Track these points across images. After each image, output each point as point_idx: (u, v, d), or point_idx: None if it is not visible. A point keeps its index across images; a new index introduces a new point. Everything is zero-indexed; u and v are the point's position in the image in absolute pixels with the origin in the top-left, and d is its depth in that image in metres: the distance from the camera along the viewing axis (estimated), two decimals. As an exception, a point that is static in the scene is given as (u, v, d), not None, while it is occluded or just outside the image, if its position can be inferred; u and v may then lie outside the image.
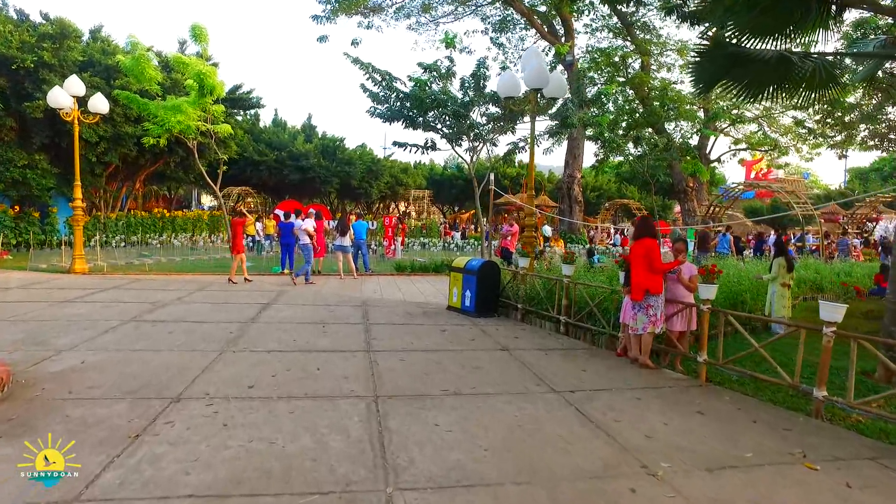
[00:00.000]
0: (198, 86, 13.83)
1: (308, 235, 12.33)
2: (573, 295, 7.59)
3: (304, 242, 12.38)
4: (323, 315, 8.25)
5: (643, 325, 5.87)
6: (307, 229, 12.33)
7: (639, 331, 5.91)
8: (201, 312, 8.05)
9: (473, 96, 16.48)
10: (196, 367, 5.21)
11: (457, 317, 8.67)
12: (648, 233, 6.13)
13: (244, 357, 5.68)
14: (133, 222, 22.69)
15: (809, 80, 7.78)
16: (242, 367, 5.30)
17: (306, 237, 12.37)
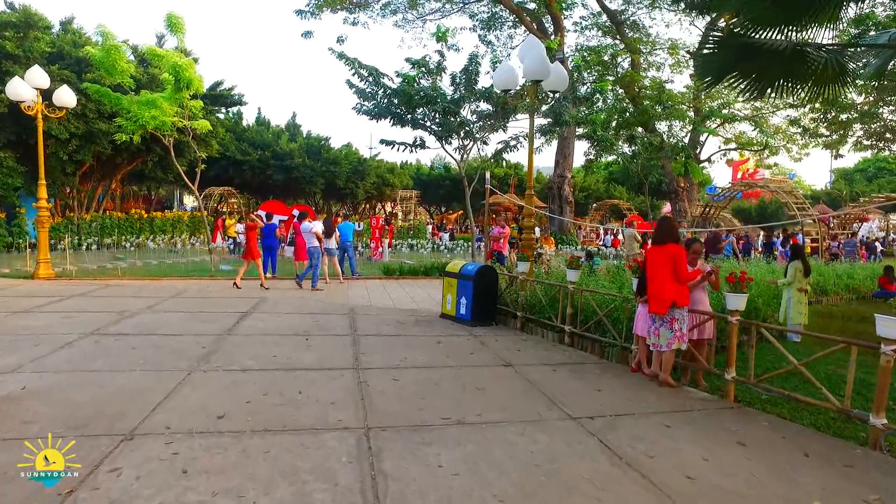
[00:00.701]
0: (174, 79, 13.05)
1: (317, 239, 11.82)
2: (579, 303, 7.01)
3: (312, 246, 11.78)
4: (307, 325, 7.57)
5: (667, 341, 5.25)
6: (317, 232, 11.80)
7: (662, 347, 5.31)
8: (173, 323, 7.33)
9: (464, 93, 15.89)
10: (159, 392, 4.52)
11: (452, 326, 8.04)
12: (672, 237, 5.46)
13: (216, 378, 5.00)
14: (109, 223, 21.75)
15: (821, 75, 7.26)
16: (213, 391, 4.62)
17: (315, 240, 11.80)
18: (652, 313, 5.37)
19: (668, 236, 5.49)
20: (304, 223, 12.12)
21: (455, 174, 45.18)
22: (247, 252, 11.68)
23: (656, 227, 5.73)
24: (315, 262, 11.79)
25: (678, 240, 5.49)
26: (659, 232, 5.61)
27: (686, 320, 5.30)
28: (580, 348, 6.93)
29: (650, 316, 5.41)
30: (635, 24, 31.44)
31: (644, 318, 5.59)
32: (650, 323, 5.43)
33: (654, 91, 28.01)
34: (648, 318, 5.45)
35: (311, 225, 11.95)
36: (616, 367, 6.00)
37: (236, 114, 34.60)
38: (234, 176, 30.54)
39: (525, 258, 8.18)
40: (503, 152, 17.87)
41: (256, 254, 11.58)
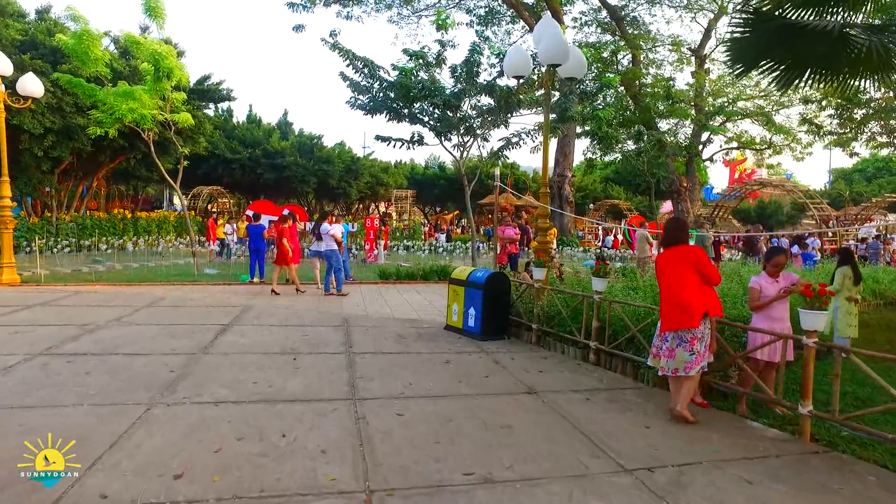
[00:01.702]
0: (153, 69, 12.08)
1: (337, 243, 11.10)
2: (607, 316, 6.12)
3: (330, 249, 10.99)
4: (295, 340, 6.64)
5: (687, 363, 4.33)
6: (335, 235, 11.09)
7: (680, 371, 4.37)
8: (141, 339, 6.38)
9: (465, 86, 14.99)
10: (103, 439, 3.59)
11: (459, 340, 7.14)
12: (684, 237, 4.65)
13: (181, 415, 4.07)
14: (89, 224, 20.68)
15: (865, 62, 6.41)
16: (174, 435, 3.70)
17: (333, 243, 11.03)
18: (666, 331, 4.47)
19: (679, 235, 4.63)
20: (324, 225, 11.38)
21: (450, 174, 44.28)
22: (279, 257, 11.12)
23: (667, 228, 4.81)
24: (336, 266, 11.09)
25: (687, 241, 4.66)
26: (669, 232, 4.71)
27: (709, 337, 4.42)
28: (609, 367, 6.05)
29: (663, 336, 4.51)
30: (635, 21, 30.68)
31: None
32: (660, 343, 4.54)
33: (659, 88, 27.27)
34: (659, 338, 4.56)
35: (330, 227, 11.27)
36: (658, 394, 5.11)
37: (226, 111, 33.56)
38: (224, 175, 29.51)
39: (541, 263, 7.28)
40: (505, 149, 17.01)
41: (290, 258, 11.08)
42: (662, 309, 4.54)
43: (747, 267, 12.14)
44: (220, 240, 18.73)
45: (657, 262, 4.74)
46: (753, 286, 4.87)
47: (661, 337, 4.53)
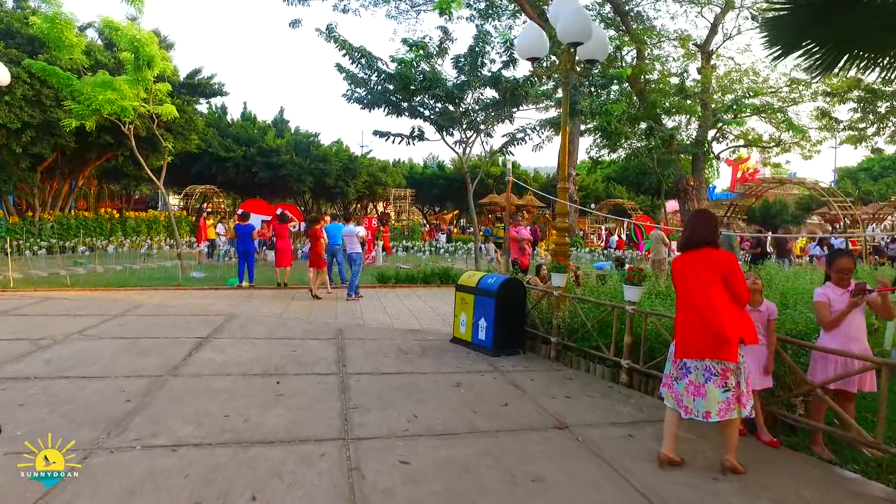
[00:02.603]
0: (133, 57, 11.20)
1: (360, 244, 10.67)
2: (642, 330, 5.26)
3: (354, 251, 10.64)
4: (280, 357, 5.77)
5: (721, 405, 3.33)
6: (361, 236, 10.65)
7: (713, 416, 3.34)
8: (102, 357, 5.51)
9: (469, 77, 14.13)
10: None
11: (469, 356, 6.27)
12: (712, 238, 3.56)
13: (124, 467, 3.20)
14: (74, 224, 19.77)
15: None
16: (109, 502, 2.83)
17: (358, 245, 10.73)
18: (688, 359, 3.48)
19: (706, 235, 3.54)
20: (348, 226, 10.93)
21: (450, 173, 43.39)
22: (312, 261, 10.75)
23: (690, 224, 3.75)
24: (355, 269, 10.67)
25: (718, 242, 3.64)
26: (695, 231, 3.61)
27: (745, 369, 3.43)
28: (645, 391, 5.19)
29: (681, 364, 3.53)
30: (640, 16, 29.85)
31: (752, 362, 3.82)
32: (676, 372, 3.56)
33: (664, 84, 26.42)
34: (674, 365, 3.59)
35: (354, 228, 10.92)
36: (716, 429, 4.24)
37: (220, 108, 32.68)
38: (218, 173, 28.61)
39: (561, 268, 6.42)
40: (509, 146, 16.16)
41: (323, 262, 10.77)
42: (680, 328, 3.56)
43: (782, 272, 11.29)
44: (210, 240, 17.85)
45: (675, 267, 3.69)
46: (821, 300, 4.00)
47: (678, 365, 3.54)
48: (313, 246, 10.71)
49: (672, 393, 3.61)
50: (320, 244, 10.72)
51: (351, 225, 10.95)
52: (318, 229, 10.79)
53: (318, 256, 10.67)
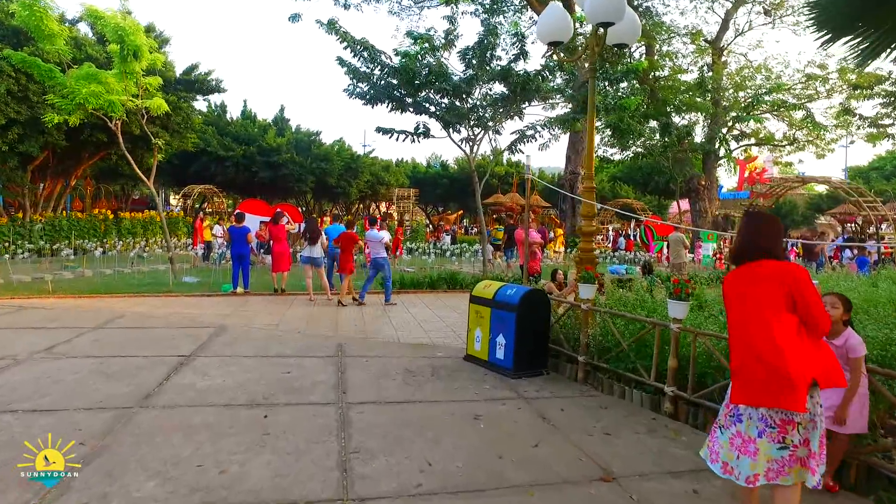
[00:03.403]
0: (118, 47, 10.47)
1: (385, 248, 10.39)
2: (691, 353, 4.51)
3: (379, 256, 10.14)
4: (271, 381, 5.02)
5: (772, 465, 2.54)
6: (386, 241, 10.20)
7: (762, 479, 2.55)
8: (63, 382, 4.76)
9: (477, 71, 13.39)
10: None
11: (486, 378, 5.52)
12: (775, 245, 2.76)
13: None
14: (66, 225, 19.05)
15: None
16: None
17: (382, 250, 10.27)
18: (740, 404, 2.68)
19: (767, 245, 2.75)
20: (372, 231, 10.41)
21: (453, 173, 42.62)
22: (342, 265, 10.26)
23: (743, 229, 2.91)
24: (385, 275, 10.18)
25: (783, 252, 2.83)
26: (750, 238, 2.81)
27: (822, 422, 2.59)
28: (694, 424, 4.45)
29: (733, 409, 2.73)
30: (648, 12, 29.07)
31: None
32: (728, 422, 2.75)
33: (673, 81, 25.66)
34: (725, 409, 2.79)
35: (380, 234, 10.42)
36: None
37: (219, 106, 31.96)
38: (217, 173, 27.87)
39: (590, 278, 5.66)
40: (518, 143, 15.40)
41: (351, 267, 10.29)
42: (733, 364, 2.78)
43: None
44: (206, 242, 17.12)
45: (727, 286, 2.87)
46: None
47: (730, 411, 2.75)
48: (346, 250, 10.20)
49: (710, 443, 2.83)
50: (352, 249, 10.32)
51: (375, 230, 10.43)
52: (353, 233, 10.43)
53: (347, 262, 10.18)
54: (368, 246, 10.75)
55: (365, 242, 11.02)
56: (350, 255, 10.23)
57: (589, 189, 6.30)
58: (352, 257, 10.32)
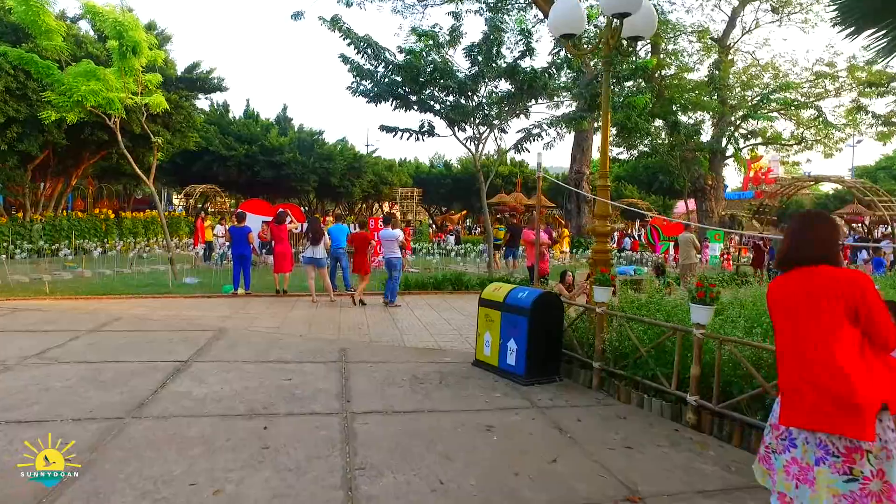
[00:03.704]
0: (117, 44, 10.25)
1: (400, 247, 10.22)
2: (716, 359, 4.24)
3: (394, 256, 9.93)
4: (271, 389, 4.78)
5: (849, 502, 2.22)
6: (401, 240, 10.23)
7: None
8: (52, 390, 4.53)
9: (483, 68, 13.13)
10: None
11: (496, 384, 5.27)
12: (831, 249, 2.45)
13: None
14: (66, 225, 18.85)
15: None
16: None
17: (397, 249, 10.03)
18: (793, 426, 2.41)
19: (821, 248, 2.45)
20: (387, 230, 10.19)
21: (457, 172, 42.37)
22: (357, 265, 10.26)
23: (793, 231, 2.59)
24: (395, 275, 10.05)
25: (838, 258, 2.49)
26: (798, 240, 2.51)
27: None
28: (720, 436, 4.18)
29: (785, 432, 2.45)
30: (654, 9, 28.79)
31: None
32: (781, 447, 2.46)
33: (680, 80, 25.37)
34: (775, 431, 2.51)
35: (395, 233, 10.14)
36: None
37: (222, 105, 31.80)
38: (219, 172, 27.71)
39: (606, 280, 5.40)
40: (524, 142, 15.14)
41: (367, 268, 10.19)
42: (783, 381, 2.47)
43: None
44: (208, 242, 16.90)
45: (773, 294, 2.58)
46: None
47: (782, 434, 2.47)
48: (360, 250, 10.15)
49: (768, 470, 2.54)
50: (366, 249, 10.28)
51: (389, 229, 10.25)
52: (366, 233, 10.46)
53: (363, 263, 10.14)
54: (382, 245, 10.57)
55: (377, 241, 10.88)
56: (365, 256, 10.16)
57: (604, 188, 6.04)
58: (366, 258, 10.22)
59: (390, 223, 10.58)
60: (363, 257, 10.16)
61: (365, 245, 10.24)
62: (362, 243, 10.23)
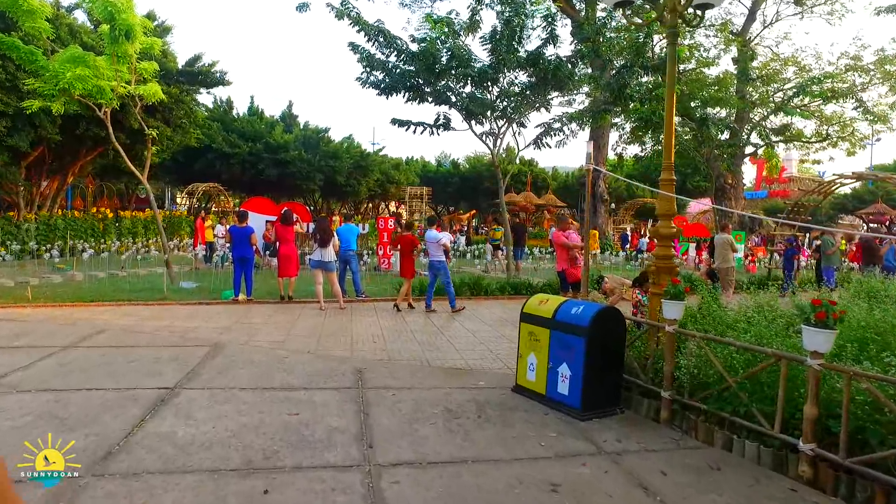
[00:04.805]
0: (108, 28, 9.38)
1: (445, 251, 9.50)
2: (845, 400, 3.29)
3: (437, 259, 9.30)
4: (275, 429, 3.85)
5: None
6: (445, 243, 9.60)
7: None
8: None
9: (505, 55, 12.17)
10: None
11: (547, 419, 4.33)
12: None
13: None
14: (61, 225, 18.01)
15: None
16: None
17: (441, 252, 9.34)
18: None
19: None
20: (431, 231, 9.68)
21: (464, 172, 41.44)
22: (404, 269, 9.69)
23: None
24: (445, 280, 9.39)
25: None
26: None
27: None
28: (849, 498, 3.24)
29: None
30: (671, 1, 27.76)
31: None
32: None
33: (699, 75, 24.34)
34: None
35: (439, 235, 9.62)
36: None
37: (225, 102, 30.99)
38: (222, 171, 26.90)
39: (679, 294, 4.44)
40: (544, 137, 14.18)
41: (412, 271, 9.63)
42: None
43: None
44: (208, 243, 16.02)
45: None
46: None
47: None
48: (407, 253, 9.59)
49: None
50: (411, 252, 9.67)
51: (434, 230, 9.67)
52: (412, 236, 9.92)
53: (410, 267, 9.58)
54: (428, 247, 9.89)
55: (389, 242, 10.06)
56: (411, 259, 9.60)
57: (668, 182, 5.09)
58: (412, 261, 9.63)
59: (435, 224, 10.00)
60: (410, 260, 9.57)
61: (411, 247, 9.66)
62: (409, 245, 9.65)
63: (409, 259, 9.57)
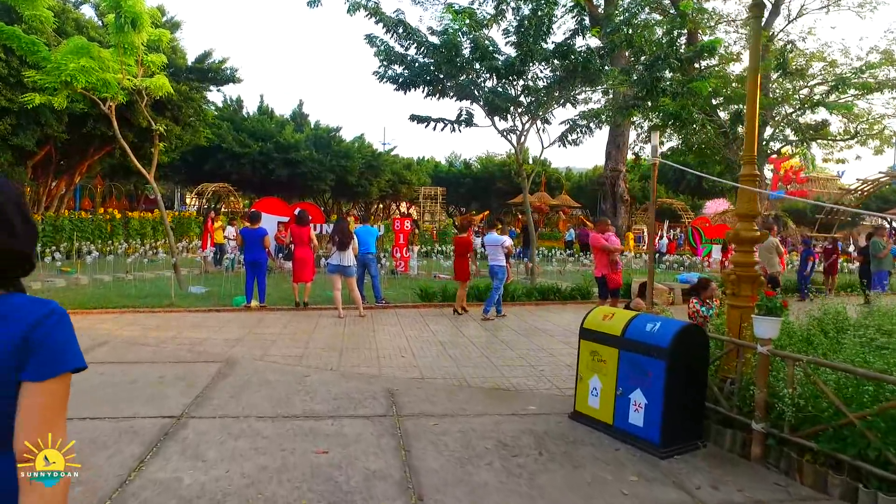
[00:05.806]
0: (114, 17, 8.79)
1: (506, 254, 9.08)
2: None
3: (497, 264, 8.84)
4: (300, 475, 3.18)
5: None
6: (507, 246, 9.21)
7: None
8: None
9: (533, 45, 11.47)
10: None
11: (618, 454, 3.64)
12: None
13: None
14: (67, 226, 17.49)
15: None
16: None
17: (502, 256, 8.91)
18: None
19: None
20: (492, 234, 9.34)
21: (476, 172, 40.72)
22: (458, 272, 9.34)
23: None
24: (496, 284, 8.94)
25: None
26: None
27: None
28: None
29: None
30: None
31: None
32: None
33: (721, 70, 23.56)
34: None
35: (500, 238, 9.21)
36: None
37: (235, 101, 30.51)
38: (232, 171, 26.37)
39: (776, 309, 3.73)
40: (569, 134, 13.46)
41: (467, 274, 9.21)
42: None
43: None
44: (218, 245, 15.43)
45: None
46: None
47: None
48: (462, 255, 9.21)
49: None
50: (467, 255, 9.21)
51: (495, 233, 9.28)
52: (468, 238, 9.38)
53: (465, 269, 9.16)
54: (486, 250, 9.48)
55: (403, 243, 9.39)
56: (466, 262, 9.18)
57: (750, 177, 4.38)
58: (468, 263, 9.18)
59: (496, 227, 9.57)
60: (465, 263, 9.08)
61: (468, 250, 9.22)
62: (465, 248, 9.19)
63: (464, 261, 9.09)
